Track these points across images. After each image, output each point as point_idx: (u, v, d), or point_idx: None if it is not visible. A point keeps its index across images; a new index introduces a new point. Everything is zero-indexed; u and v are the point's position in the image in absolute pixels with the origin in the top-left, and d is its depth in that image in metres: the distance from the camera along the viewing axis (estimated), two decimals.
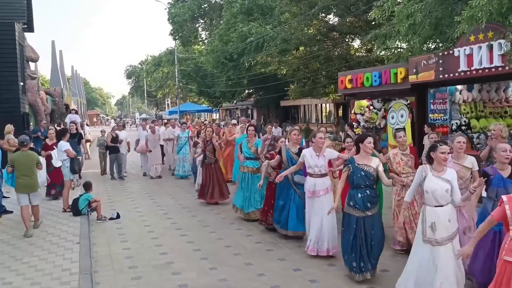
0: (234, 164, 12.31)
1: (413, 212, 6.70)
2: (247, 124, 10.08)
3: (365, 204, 5.69)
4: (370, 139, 5.84)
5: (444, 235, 4.83)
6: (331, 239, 6.68)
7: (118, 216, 9.54)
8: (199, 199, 10.96)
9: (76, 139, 13.18)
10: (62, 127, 13.52)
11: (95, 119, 70.65)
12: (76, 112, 23.20)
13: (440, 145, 5.00)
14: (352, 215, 5.74)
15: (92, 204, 9.42)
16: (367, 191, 5.72)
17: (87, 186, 9.80)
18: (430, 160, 5.07)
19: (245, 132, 11.39)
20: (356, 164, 5.80)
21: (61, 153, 9.88)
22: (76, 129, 13.95)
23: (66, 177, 9.92)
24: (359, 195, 5.71)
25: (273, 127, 13.71)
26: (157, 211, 10.27)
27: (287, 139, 8.31)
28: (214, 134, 11.56)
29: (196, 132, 13.80)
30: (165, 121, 22.28)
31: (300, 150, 7.48)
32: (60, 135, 10.28)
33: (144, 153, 15.80)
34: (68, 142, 10.18)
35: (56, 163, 10.01)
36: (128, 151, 15.84)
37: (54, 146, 10.35)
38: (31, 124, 19.18)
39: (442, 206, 4.89)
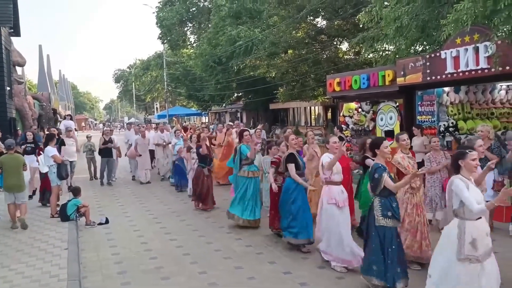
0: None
1: (421, 221, 6.28)
2: (241, 129, 9.71)
3: (399, 212, 5.39)
4: (386, 143, 5.48)
5: (483, 250, 4.26)
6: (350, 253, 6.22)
7: (107, 221, 9.47)
8: (196, 207, 10.68)
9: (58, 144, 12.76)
10: (50, 132, 13.14)
11: (83, 124, 70.24)
12: (71, 118, 22.43)
13: (469, 152, 4.44)
14: (390, 227, 5.22)
15: (81, 210, 9.33)
16: (395, 197, 5.42)
17: (76, 191, 9.70)
18: (457, 169, 4.46)
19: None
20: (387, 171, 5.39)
21: (48, 158, 9.79)
22: (58, 134, 13.40)
23: (54, 182, 9.83)
24: (394, 203, 5.29)
25: (262, 129, 13.52)
26: (147, 216, 10.21)
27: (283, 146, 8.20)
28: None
29: (189, 135, 13.52)
30: (154, 125, 22.16)
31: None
32: (47, 140, 10.18)
33: (133, 158, 15.58)
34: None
35: (43, 168, 9.92)
36: (119, 156, 15.64)
37: (40, 152, 10.27)
38: (18, 129, 18.99)
39: (481, 218, 4.33)
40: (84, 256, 7.29)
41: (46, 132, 13.30)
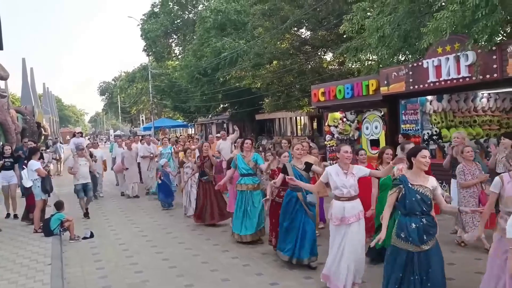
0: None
1: None
2: (243, 139, 9.22)
3: (421, 237, 4.59)
4: (425, 152, 4.77)
5: None
6: (358, 272, 5.78)
7: (91, 235, 9.34)
8: (198, 222, 10.07)
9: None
10: (33, 145, 12.82)
11: (68, 137, 69.49)
12: (82, 135, 19.94)
13: None
14: (402, 249, 4.67)
15: (65, 224, 9.19)
16: (424, 220, 4.63)
17: (59, 206, 9.56)
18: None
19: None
20: (409, 185, 4.70)
21: (31, 172, 9.66)
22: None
23: (38, 197, 9.68)
24: (413, 225, 4.61)
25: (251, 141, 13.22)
26: (132, 229, 10.10)
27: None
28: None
29: (182, 148, 13.09)
30: (140, 137, 21.97)
31: (308, 165, 6.74)
32: (30, 154, 10.06)
33: (120, 172, 15.07)
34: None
35: (27, 183, 9.77)
36: (105, 170, 15.31)
37: (24, 166, 10.13)
38: (1, 143, 18.71)
39: None
40: (68, 272, 7.17)
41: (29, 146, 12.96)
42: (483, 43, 8.42)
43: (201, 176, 10.16)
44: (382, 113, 12.19)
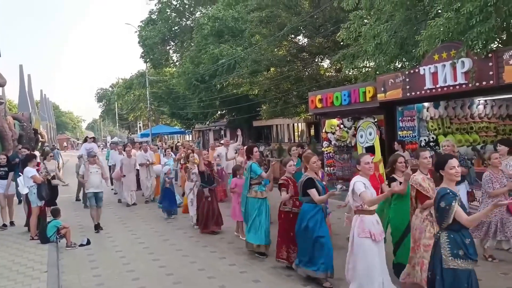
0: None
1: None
2: (250, 146, 8.90)
3: (475, 251, 4.17)
4: (453, 162, 4.32)
5: None
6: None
7: (88, 242, 9.31)
8: (203, 231, 9.84)
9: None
10: (29, 152, 12.72)
11: (65, 144, 69.39)
12: (94, 140, 18.62)
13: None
14: (464, 269, 4.08)
15: (61, 231, 9.16)
16: (468, 231, 4.20)
17: (55, 212, 9.53)
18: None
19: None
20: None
21: (27, 179, 9.63)
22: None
23: (34, 204, 9.65)
24: (468, 240, 4.13)
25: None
26: (129, 236, 10.07)
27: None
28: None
29: (186, 154, 12.69)
30: (137, 144, 21.87)
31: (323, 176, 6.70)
32: (26, 161, 10.04)
33: (119, 180, 14.86)
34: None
35: (23, 190, 9.74)
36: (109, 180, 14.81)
37: (20, 173, 10.11)
38: None
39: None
40: (65, 279, 7.14)
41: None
42: (477, 50, 8.46)
43: (211, 184, 10.02)
44: (375, 119, 12.21)
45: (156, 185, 14.79)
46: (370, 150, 12.24)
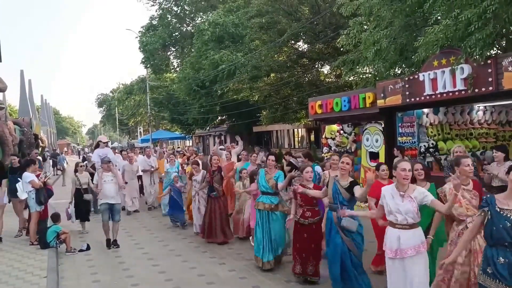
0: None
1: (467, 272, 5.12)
2: (267, 153, 8.37)
3: (507, 273, 3.64)
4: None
5: None
6: None
7: (88, 248, 9.31)
8: (209, 241, 9.44)
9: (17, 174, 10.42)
10: (29, 157, 12.64)
11: (65, 149, 69.34)
12: (107, 144, 16.22)
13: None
14: None
15: (61, 236, 9.16)
16: (505, 251, 3.67)
17: (55, 218, 9.54)
18: None
19: (247, 160, 10.63)
20: (497, 209, 3.76)
21: (26, 184, 9.63)
22: (19, 161, 11.19)
23: (33, 209, 9.65)
24: (502, 259, 3.66)
25: (258, 154, 11.85)
26: (128, 241, 10.06)
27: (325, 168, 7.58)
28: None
29: (187, 159, 12.58)
30: (138, 150, 21.85)
31: (353, 184, 5.84)
32: (24, 166, 10.05)
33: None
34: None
35: (22, 195, 9.74)
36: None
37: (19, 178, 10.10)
38: None
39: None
40: (64, 284, 7.14)
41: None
42: (476, 56, 8.49)
43: (210, 192, 9.56)
44: (382, 126, 12.22)
45: (159, 191, 14.42)
46: (373, 156, 12.28)
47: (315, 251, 6.53)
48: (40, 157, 24.29)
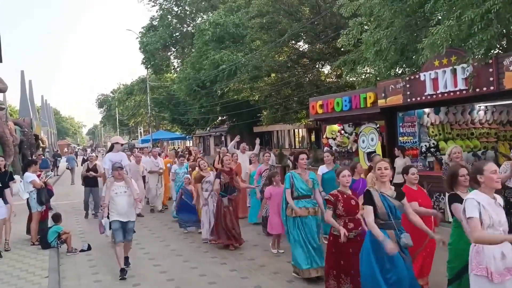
0: (251, 201, 10.73)
1: None
2: (297, 152, 7.42)
3: None
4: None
5: None
6: None
7: (89, 248, 9.31)
8: (218, 242, 8.91)
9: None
10: (31, 158, 12.63)
11: (65, 149, 69.37)
12: (122, 146, 11.92)
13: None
14: None
15: (62, 236, 9.16)
16: None
17: (56, 218, 9.54)
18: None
19: (257, 162, 10.46)
20: None
21: (27, 184, 9.64)
22: (5, 166, 9.76)
23: (34, 209, 9.65)
24: None
25: (271, 155, 11.28)
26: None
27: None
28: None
29: (194, 160, 12.01)
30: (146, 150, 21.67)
31: (400, 193, 4.97)
32: (26, 166, 10.06)
33: None
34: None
35: (23, 195, 9.74)
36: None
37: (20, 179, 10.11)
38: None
39: None
40: (66, 284, 7.13)
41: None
42: (480, 56, 8.49)
43: (231, 193, 8.92)
44: (377, 125, 12.24)
45: (164, 193, 14.07)
46: (370, 156, 12.28)
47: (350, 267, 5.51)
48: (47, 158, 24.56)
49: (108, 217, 7.38)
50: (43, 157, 22.99)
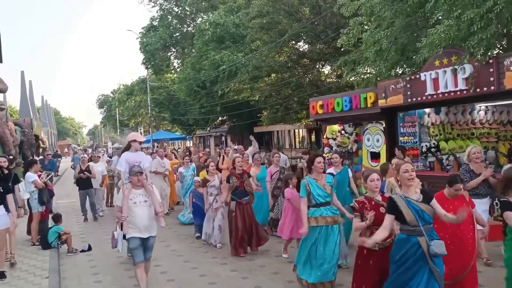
0: (259, 205, 10.01)
1: None
2: (313, 154, 6.85)
3: None
4: None
5: None
6: None
7: (89, 248, 9.32)
8: (238, 253, 8.37)
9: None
10: (32, 158, 12.65)
11: (66, 150, 69.34)
12: (141, 144, 9.98)
13: None
14: None
15: (62, 237, 9.17)
16: None
17: (57, 218, 9.55)
18: None
19: (260, 164, 10.25)
20: None
21: (28, 184, 9.64)
22: (8, 168, 9.00)
23: (35, 209, 9.66)
24: None
25: (280, 155, 10.97)
26: None
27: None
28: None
29: (204, 160, 11.61)
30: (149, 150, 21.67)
31: (428, 196, 4.59)
32: (27, 166, 10.07)
33: None
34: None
35: (24, 195, 9.75)
36: (101, 185, 14.00)
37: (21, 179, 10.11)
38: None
39: None
40: (66, 285, 7.14)
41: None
42: (479, 56, 8.49)
43: (242, 197, 8.45)
44: (384, 126, 12.22)
45: (170, 195, 13.79)
46: (374, 156, 12.28)
47: (381, 284, 4.92)
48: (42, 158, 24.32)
49: (121, 228, 6.29)
50: (51, 158, 22.64)
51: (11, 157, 11.41)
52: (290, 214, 7.68)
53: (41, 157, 22.58)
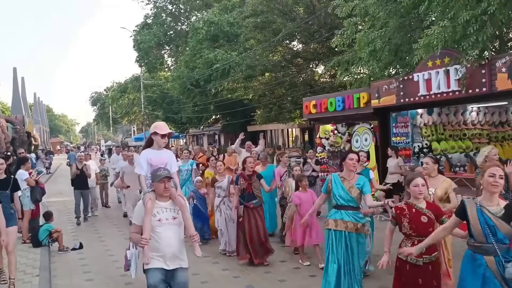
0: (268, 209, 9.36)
1: None
2: (346, 151, 6.39)
3: None
4: None
5: None
6: None
7: (80, 246, 9.26)
8: (239, 258, 7.86)
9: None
10: (22, 155, 12.57)
11: (58, 147, 69.00)
12: (169, 139, 5.63)
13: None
14: None
15: (53, 235, 9.10)
16: None
17: (48, 216, 9.50)
18: None
19: (266, 164, 9.78)
20: None
21: (21, 182, 9.56)
22: (8, 168, 7.76)
23: (26, 207, 9.58)
24: None
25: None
26: (122, 240, 9.99)
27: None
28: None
29: (207, 159, 11.12)
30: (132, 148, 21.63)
31: (510, 213, 3.68)
32: (19, 164, 10.00)
33: (122, 189, 12.23)
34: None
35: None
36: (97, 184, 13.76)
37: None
38: None
39: None
40: (56, 283, 7.09)
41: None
42: (474, 58, 8.53)
43: (249, 200, 7.73)
44: (371, 126, 12.27)
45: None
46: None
47: None
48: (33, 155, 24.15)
49: (135, 247, 4.98)
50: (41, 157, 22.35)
51: (8, 153, 11.33)
52: (299, 220, 7.11)
53: (33, 154, 22.39)
